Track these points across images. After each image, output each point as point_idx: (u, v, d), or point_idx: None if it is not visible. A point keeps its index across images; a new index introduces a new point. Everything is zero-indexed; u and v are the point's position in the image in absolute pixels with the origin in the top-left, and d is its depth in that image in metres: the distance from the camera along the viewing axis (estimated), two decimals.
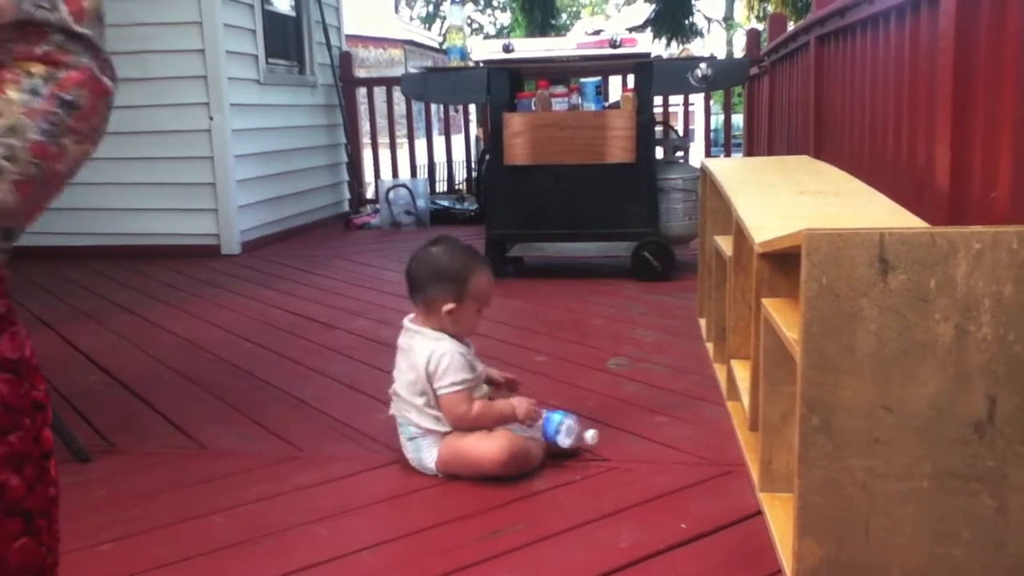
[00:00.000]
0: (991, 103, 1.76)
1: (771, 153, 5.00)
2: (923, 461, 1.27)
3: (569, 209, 3.83)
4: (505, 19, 29.47)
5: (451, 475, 1.84)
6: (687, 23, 14.78)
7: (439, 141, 7.23)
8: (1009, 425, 1.24)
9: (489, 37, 28.51)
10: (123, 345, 3.05)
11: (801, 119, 3.86)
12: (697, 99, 7.30)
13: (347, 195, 6.61)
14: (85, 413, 2.32)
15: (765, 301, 1.67)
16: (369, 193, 6.65)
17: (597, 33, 4.48)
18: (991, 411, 1.24)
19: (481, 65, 4.04)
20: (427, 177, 6.55)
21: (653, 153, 3.85)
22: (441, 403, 1.83)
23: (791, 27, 4.96)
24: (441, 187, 6.81)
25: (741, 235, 2.00)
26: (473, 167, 6.22)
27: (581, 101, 3.89)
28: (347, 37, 7.19)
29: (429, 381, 1.82)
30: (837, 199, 2.23)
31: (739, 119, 7.04)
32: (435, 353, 1.82)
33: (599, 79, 4.07)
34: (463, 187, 6.61)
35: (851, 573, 1.31)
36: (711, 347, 2.63)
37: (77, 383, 2.59)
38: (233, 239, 5.00)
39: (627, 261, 3.89)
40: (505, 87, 3.90)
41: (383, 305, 3.51)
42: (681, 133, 5.64)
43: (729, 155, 6.48)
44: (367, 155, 6.65)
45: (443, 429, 1.85)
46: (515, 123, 3.81)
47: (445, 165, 6.76)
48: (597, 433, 1.94)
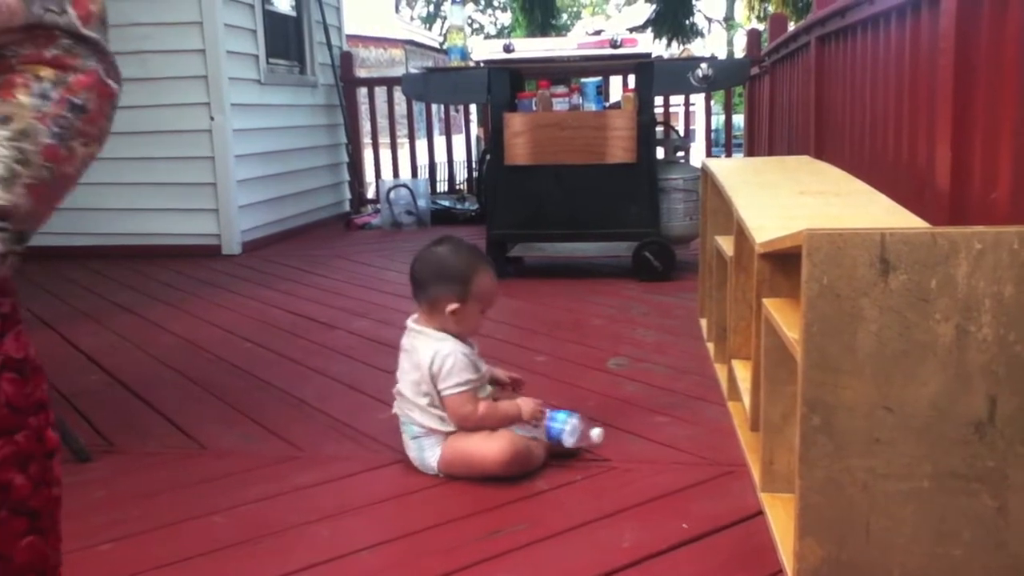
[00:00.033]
0: (991, 103, 1.76)
1: (772, 153, 5.00)
2: (924, 461, 1.27)
3: (570, 209, 3.82)
4: (506, 19, 29.48)
5: (452, 475, 1.84)
6: (688, 23, 14.82)
7: (440, 141, 7.24)
8: (1009, 425, 1.24)
9: (490, 37, 28.52)
10: (123, 345, 3.05)
11: (802, 119, 3.86)
12: (698, 99, 7.31)
13: (348, 195, 6.61)
14: (85, 413, 2.32)
15: (766, 301, 1.67)
16: (370, 193, 6.65)
17: (598, 33, 4.49)
18: (992, 411, 1.24)
19: (482, 65, 4.04)
20: (428, 177, 6.55)
21: (654, 153, 3.85)
22: (446, 404, 1.83)
23: (792, 27, 4.96)
24: (442, 187, 6.81)
25: (742, 235, 2.00)
26: (474, 167, 6.23)
27: (582, 101, 3.89)
28: (348, 37, 7.19)
29: (433, 382, 1.82)
30: (838, 199, 2.22)
31: (740, 119, 7.03)
32: (439, 354, 1.82)
33: (600, 79, 4.07)
34: (464, 187, 6.62)
35: (852, 573, 1.31)
36: (712, 347, 2.63)
37: (77, 383, 2.59)
38: (234, 239, 5.00)
39: (628, 261, 3.89)
40: (506, 87, 3.90)
41: (384, 305, 3.51)
42: (682, 133, 5.64)
43: (730, 155, 6.47)
44: (368, 155, 6.65)
45: (447, 429, 1.85)
46: (516, 123, 3.81)
47: (446, 165, 6.76)
48: (603, 431, 1.94)
